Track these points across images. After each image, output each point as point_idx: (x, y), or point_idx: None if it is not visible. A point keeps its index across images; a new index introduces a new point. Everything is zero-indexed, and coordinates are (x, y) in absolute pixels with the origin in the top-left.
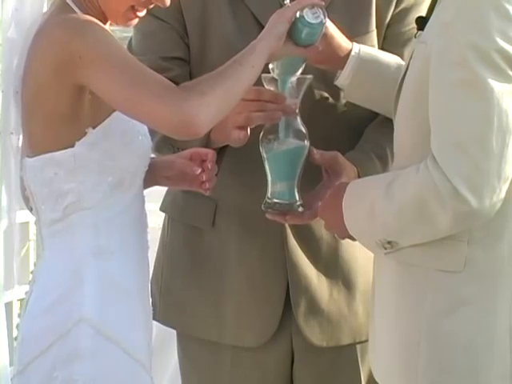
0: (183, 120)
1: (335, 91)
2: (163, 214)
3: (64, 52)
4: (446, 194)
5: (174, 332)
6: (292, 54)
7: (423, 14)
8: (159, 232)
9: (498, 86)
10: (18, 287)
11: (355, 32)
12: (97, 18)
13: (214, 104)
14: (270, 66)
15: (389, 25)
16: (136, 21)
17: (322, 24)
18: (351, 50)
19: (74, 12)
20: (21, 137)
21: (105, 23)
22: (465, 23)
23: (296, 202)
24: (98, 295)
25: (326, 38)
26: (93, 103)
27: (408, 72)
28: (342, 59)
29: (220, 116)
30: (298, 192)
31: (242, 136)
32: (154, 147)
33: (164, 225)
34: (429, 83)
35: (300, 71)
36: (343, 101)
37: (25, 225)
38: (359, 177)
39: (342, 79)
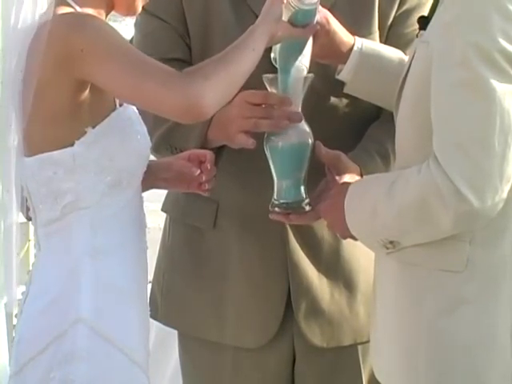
0: (189, 103)
1: (338, 91)
2: (164, 215)
3: (65, 47)
4: (447, 195)
5: (174, 332)
6: (291, 35)
7: (425, 14)
8: (160, 232)
9: (499, 87)
10: (18, 287)
11: (358, 34)
12: (98, 8)
13: (217, 87)
14: (272, 55)
15: (391, 26)
16: (140, 9)
17: (315, 2)
18: (354, 45)
19: (72, 8)
20: (17, 136)
21: (107, 13)
22: (467, 23)
23: (303, 200)
24: (94, 295)
25: (329, 33)
26: (92, 102)
27: (410, 72)
28: (344, 54)
29: (225, 99)
30: (305, 190)
31: (250, 143)
32: (152, 148)
33: (165, 225)
34: (431, 83)
35: (300, 58)
36: (346, 101)
37: (25, 225)
38: (362, 176)
39: (344, 73)
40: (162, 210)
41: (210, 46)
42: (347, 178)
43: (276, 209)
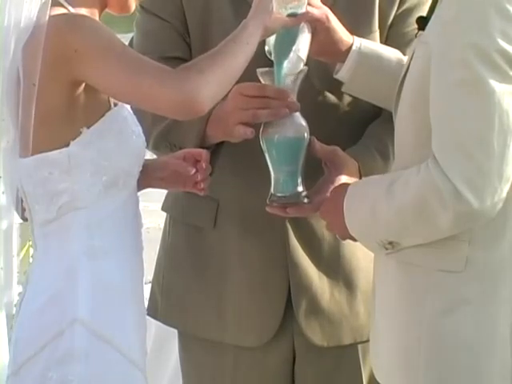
0: (186, 99)
1: (338, 90)
2: (164, 214)
3: (58, 47)
4: (447, 195)
5: (174, 331)
6: (284, 25)
7: (424, 13)
8: (160, 232)
9: (498, 87)
10: (18, 287)
11: (358, 32)
12: (91, 8)
13: (213, 81)
14: (266, 48)
15: (391, 25)
16: (133, 7)
17: None
18: (352, 44)
19: (65, 8)
20: (10, 138)
21: (100, 12)
22: (466, 23)
23: (300, 193)
24: (91, 296)
25: (329, 30)
26: (87, 102)
27: (409, 72)
28: (343, 53)
29: (220, 93)
30: (302, 183)
31: (249, 132)
32: (151, 145)
33: (165, 224)
34: (430, 83)
35: (295, 49)
36: (346, 100)
37: (25, 225)
38: (360, 172)
39: (343, 73)
40: (162, 209)
41: (210, 44)
42: (345, 172)
43: (274, 203)
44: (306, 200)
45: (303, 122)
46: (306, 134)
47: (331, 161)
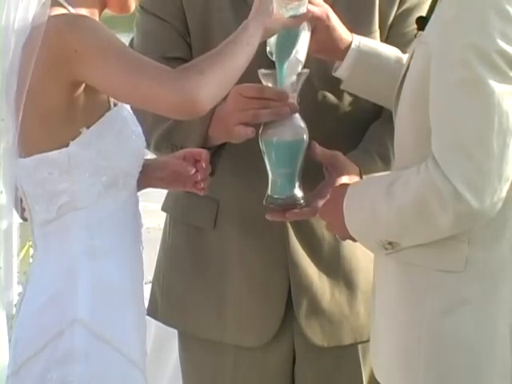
0: (186, 99)
1: (338, 90)
2: (164, 215)
3: (58, 48)
4: (446, 195)
5: (174, 331)
6: (284, 26)
7: (424, 13)
8: (160, 232)
9: (498, 87)
10: (18, 287)
11: (358, 32)
12: (91, 8)
13: (213, 82)
14: (268, 49)
15: (391, 25)
16: (133, 7)
17: None
18: (351, 43)
19: (65, 8)
20: (10, 138)
21: (100, 12)
22: (466, 23)
23: (298, 195)
24: (91, 296)
25: (328, 28)
26: (87, 103)
27: (408, 72)
28: (341, 51)
29: (220, 95)
30: (300, 186)
31: (250, 132)
32: (153, 146)
33: (165, 225)
34: (430, 83)
35: (295, 53)
36: (346, 100)
37: (25, 225)
38: (361, 176)
39: (342, 70)
40: (162, 209)
41: (211, 44)
42: (346, 177)
43: (271, 205)
44: (302, 202)
45: (302, 124)
46: (305, 136)
47: (332, 165)
